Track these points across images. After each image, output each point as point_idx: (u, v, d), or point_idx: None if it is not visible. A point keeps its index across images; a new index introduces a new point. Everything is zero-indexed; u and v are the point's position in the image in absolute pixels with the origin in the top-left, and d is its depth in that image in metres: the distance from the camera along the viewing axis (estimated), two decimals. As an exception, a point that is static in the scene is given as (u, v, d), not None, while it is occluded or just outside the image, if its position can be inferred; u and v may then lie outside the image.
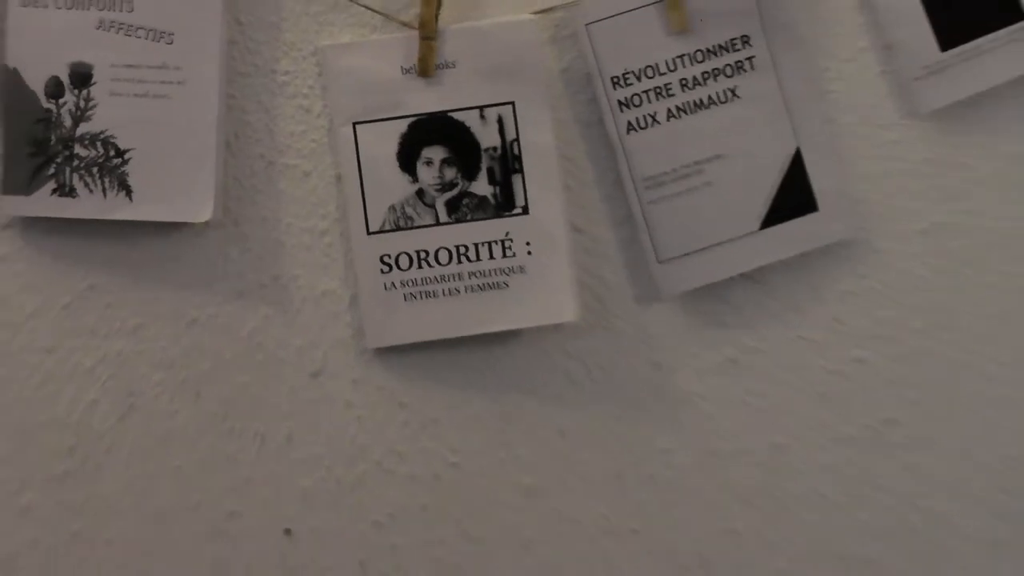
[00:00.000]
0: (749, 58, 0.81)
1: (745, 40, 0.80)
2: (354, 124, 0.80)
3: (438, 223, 0.80)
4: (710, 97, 0.81)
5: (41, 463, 0.81)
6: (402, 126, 0.80)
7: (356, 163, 0.80)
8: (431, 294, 0.80)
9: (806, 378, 0.82)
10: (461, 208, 0.80)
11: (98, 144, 0.80)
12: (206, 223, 0.80)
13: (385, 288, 0.80)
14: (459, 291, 0.80)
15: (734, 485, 0.83)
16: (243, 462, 0.80)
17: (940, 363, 0.82)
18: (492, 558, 0.82)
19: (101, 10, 0.80)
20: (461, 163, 0.80)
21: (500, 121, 0.80)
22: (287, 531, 0.82)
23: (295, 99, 0.80)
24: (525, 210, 0.80)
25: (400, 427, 0.82)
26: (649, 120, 0.80)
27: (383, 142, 0.80)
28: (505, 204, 0.80)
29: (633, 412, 0.82)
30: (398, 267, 0.80)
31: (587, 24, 0.79)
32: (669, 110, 0.81)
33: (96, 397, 0.80)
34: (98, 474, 0.81)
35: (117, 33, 0.80)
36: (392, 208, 0.80)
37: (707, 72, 0.81)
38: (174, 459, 0.81)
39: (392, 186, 0.80)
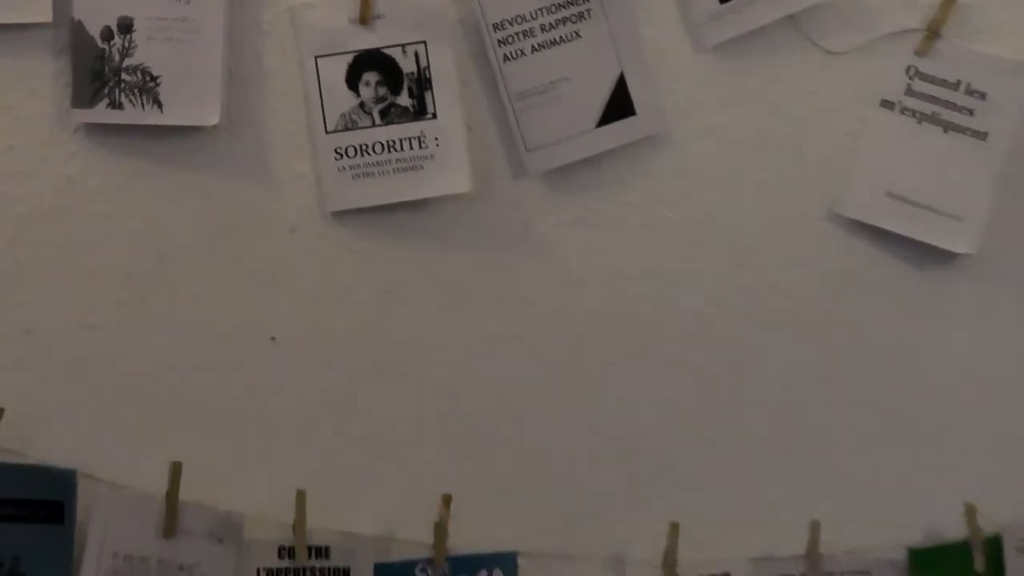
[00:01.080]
0: (588, 10, 1.18)
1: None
2: (316, 57, 1.17)
3: (374, 125, 1.17)
4: (561, 37, 1.18)
5: (104, 293, 1.18)
6: (349, 59, 1.17)
7: (317, 85, 1.17)
8: (370, 174, 1.17)
9: (628, 230, 1.21)
10: (390, 115, 1.17)
11: (138, 73, 1.16)
12: (215, 127, 1.17)
13: (338, 170, 1.17)
14: (389, 172, 1.17)
15: (582, 304, 1.22)
16: (244, 290, 1.18)
17: (721, 220, 1.22)
18: (416, 355, 1.21)
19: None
20: (390, 83, 1.17)
21: (416, 55, 1.17)
22: (272, 338, 1.20)
23: (276, 41, 1.16)
24: (434, 116, 1.17)
25: (351, 267, 1.20)
26: (519, 53, 1.18)
27: (336, 69, 1.17)
28: (420, 112, 1.17)
29: (509, 255, 1.20)
30: (347, 156, 1.17)
31: None
32: (532, 46, 1.18)
33: (141, 247, 1.18)
34: (144, 300, 1.19)
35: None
36: (343, 115, 1.17)
37: (558, 19, 1.18)
38: (197, 289, 1.19)
39: (342, 100, 1.17)
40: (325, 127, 1.17)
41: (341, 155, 1.17)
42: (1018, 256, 1.25)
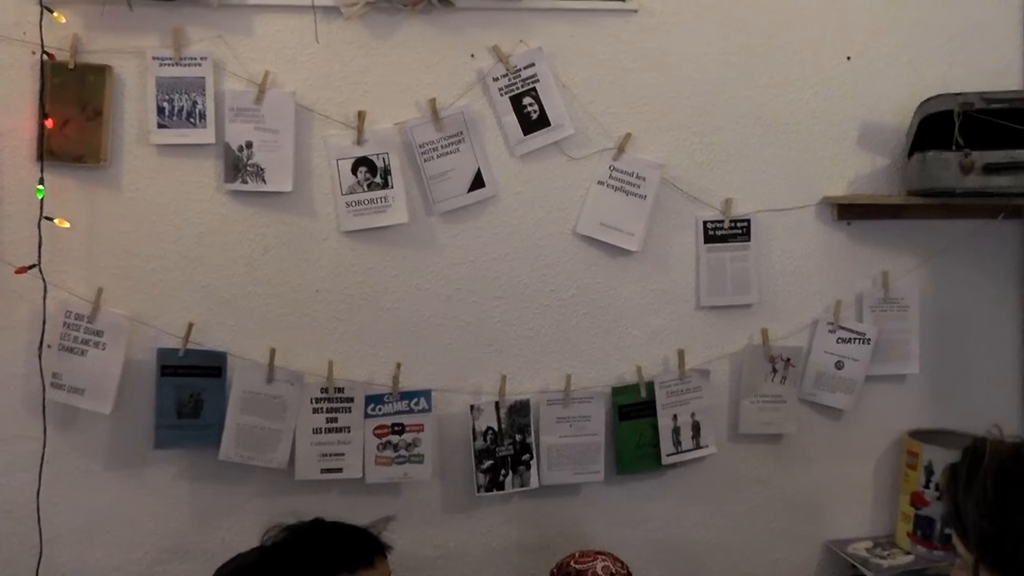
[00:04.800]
0: (462, 139, 2.58)
1: (460, 135, 2.58)
2: (337, 160, 2.53)
3: (364, 191, 2.54)
4: (450, 151, 2.57)
5: (239, 265, 2.52)
6: (352, 160, 2.53)
7: (337, 172, 2.52)
8: (362, 213, 2.53)
9: (475, 242, 2.62)
10: (372, 186, 2.54)
11: (255, 166, 2.50)
12: (289, 191, 2.52)
13: (347, 211, 2.54)
14: (371, 212, 2.53)
15: (453, 270, 2.62)
16: (302, 266, 2.54)
17: (522, 232, 2.64)
18: (382, 294, 2.60)
19: (254, 124, 2.50)
20: (372, 172, 2.55)
21: (383, 159, 2.54)
22: (316, 291, 2.57)
23: (319, 151, 2.52)
24: (391, 187, 2.54)
25: (352, 256, 2.58)
26: (431, 158, 2.57)
27: (346, 164, 2.54)
28: (385, 185, 2.54)
29: (423, 248, 2.59)
30: (351, 205, 2.53)
31: (406, 128, 2.56)
32: (437, 155, 2.57)
33: (255, 246, 2.52)
34: (256, 269, 2.53)
35: (256, 130, 2.50)
36: (349, 186, 2.53)
37: (448, 143, 2.57)
38: (281, 264, 2.53)
39: (348, 178, 2.52)
40: (341, 191, 2.54)
41: (348, 204, 2.54)
42: (654, 252, 2.70)
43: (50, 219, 2.44)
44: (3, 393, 2.49)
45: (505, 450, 2.61)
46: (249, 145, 2.48)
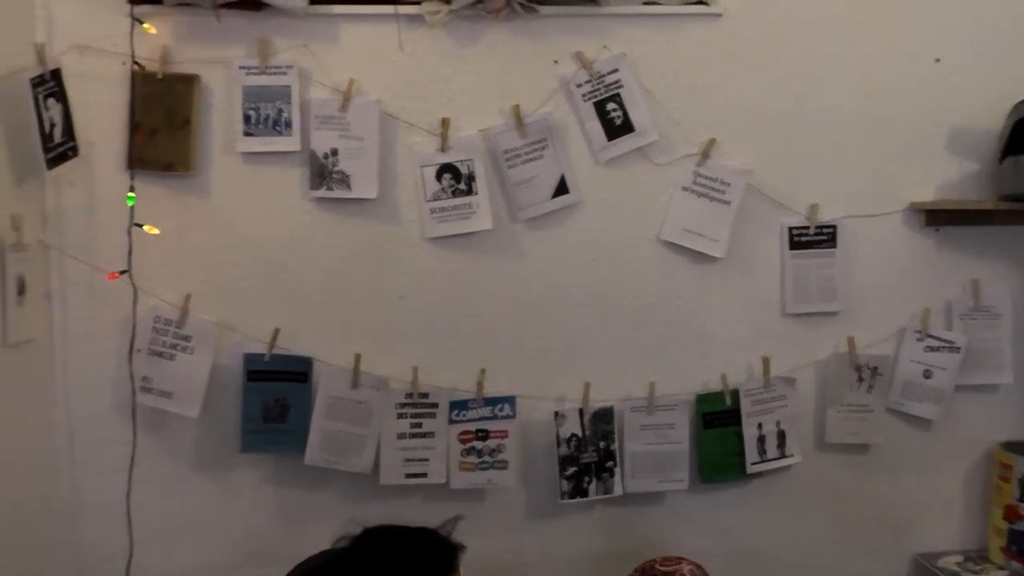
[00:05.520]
0: (545, 145, 2.57)
1: (544, 141, 2.57)
2: (421, 166, 2.53)
3: (448, 198, 2.53)
4: (534, 157, 2.56)
5: (321, 271, 2.54)
6: (436, 167, 2.53)
7: (422, 179, 2.53)
8: (445, 219, 2.53)
9: (558, 248, 2.61)
10: (456, 193, 2.54)
11: (340, 173, 2.52)
12: (374, 198, 2.54)
13: (431, 217, 2.54)
14: (454, 219, 2.53)
15: (538, 277, 2.62)
16: (387, 271, 2.56)
17: (604, 239, 2.63)
18: (469, 299, 2.60)
19: (340, 131, 2.51)
20: (456, 179, 2.55)
21: (468, 165, 2.55)
22: (401, 297, 2.58)
23: (403, 158, 2.53)
24: (476, 193, 2.54)
25: (437, 262, 2.58)
26: (515, 164, 2.57)
27: (430, 171, 2.53)
28: (469, 191, 2.54)
29: (507, 254, 2.59)
30: (435, 212, 2.53)
31: (490, 134, 2.55)
32: (521, 161, 2.56)
33: (337, 251, 2.54)
34: (339, 274, 2.55)
35: (341, 138, 2.52)
36: (433, 193, 2.53)
37: (533, 149, 2.56)
38: (364, 270, 2.55)
39: (433, 185, 2.53)
40: (425, 197, 2.55)
41: (433, 211, 2.55)
42: (738, 259, 2.66)
43: (140, 226, 2.48)
44: (95, 397, 2.53)
45: (589, 457, 2.60)
46: (334, 152, 2.50)
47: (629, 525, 2.68)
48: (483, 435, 2.56)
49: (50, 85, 2.41)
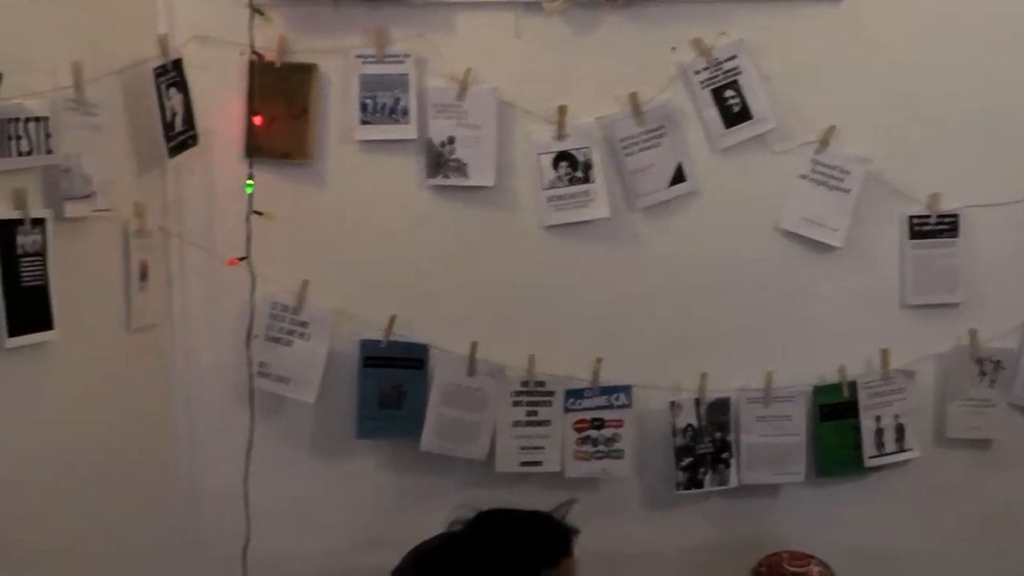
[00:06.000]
0: (663, 132, 2.55)
1: (661, 129, 2.55)
2: (538, 154, 2.52)
3: (565, 185, 2.52)
4: (651, 145, 2.54)
5: (441, 259, 2.54)
6: (553, 155, 2.51)
7: (539, 167, 2.52)
8: (562, 208, 2.52)
9: (673, 238, 2.58)
10: (572, 181, 2.53)
11: (456, 161, 2.52)
12: (492, 186, 2.53)
13: (547, 205, 2.52)
14: (571, 207, 2.52)
15: (656, 264, 2.59)
16: (506, 257, 2.55)
17: (724, 226, 2.59)
18: (581, 286, 2.58)
19: (457, 120, 2.51)
20: (572, 166, 2.53)
21: (584, 153, 2.53)
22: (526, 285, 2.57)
23: (520, 146, 2.51)
24: (592, 181, 2.52)
25: (553, 249, 2.56)
26: (632, 152, 2.55)
27: (546, 159, 2.52)
28: (586, 179, 2.52)
29: (623, 244, 2.56)
30: (551, 200, 2.52)
31: (607, 122, 2.53)
32: (639, 149, 2.54)
33: (458, 238, 2.54)
34: (460, 260, 2.55)
35: (458, 126, 2.52)
36: (549, 180, 2.52)
37: (650, 137, 2.54)
38: (483, 257, 2.55)
39: (549, 173, 2.51)
40: (542, 186, 2.54)
41: (549, 199, 2.54)
42: (857, 249, 2.60)
43: (259, 213, 2.50)
44: (214, 381, 2.57)
45: (704, 448, 2.57)
46: (451, 140, 2.50)
47: (743, 517, 2.64)
48: (598, 424, 2.55)
49: (172, 75, 2.45)
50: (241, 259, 2.51)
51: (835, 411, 2.61)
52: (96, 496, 2.21)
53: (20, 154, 1.95)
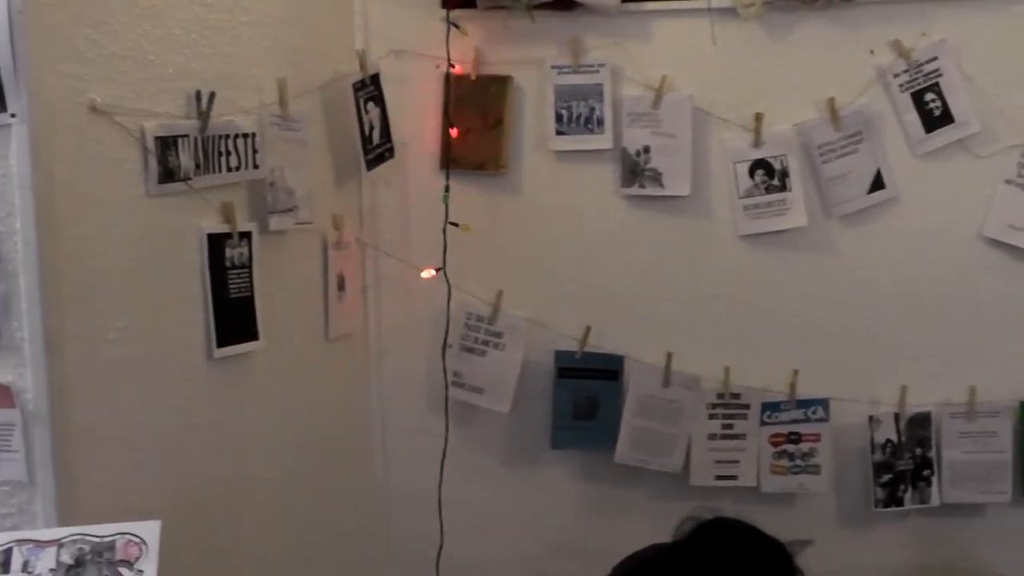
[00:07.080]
0: (861, 139, 2.49)
1: (859, 134, 2.49)
2: (734, 163, 2.50)
3: (761, 194, 2.49)
4: (849, 151, 2.47)
5: (628, 265, 2.53)
6: (749, 163, 2.48)
7: (734, 175, 2.49)
8: (759, 216, 2.48)
9: (872, 244, 2.51)
10: (769, 189, 2.50)
11: (652, 171, 2.51)
12: (687, 195, 2.51)
13: (744, 214, 2.49)
14: (768, 216, 2.48)
15: (853, 271, 2.53)
16: (702, 266, 2.52)
17: (921, 235, 2.51)
18: (775, 293, 2.53)
19: (652, 128, 2.50)
20: (769, 175, 2.50)
21: (781, 161, 2.49)
22: (714, 296, 2.54)
23: (716, 155, 2.48)
24: (789, 190, 2.49)
25: (753, 262, 2.53)
26: (829, 159, 2.48)
27: (742, 168, 2.48)
28: (783, 188, 2.47)
29: (821, 250, 2.51)
30: (748, 208, 2.48)
31: (803, 128, 2.49)
32: (836, 156, 2.48)
33: (652, 247, 2.53)
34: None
35: (653, 135, 2.51)
36: (746, 189, 2.49)
37: (847, 143, 2.48)
38: (679, 266, 2.53)
39: (746, 181, 2.49)
40: (738, 194, 2.51)
41: (746, 208, 2.51)
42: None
43: (456, 224, 2.53)
44: (410, 390, 2.62)
45: (904, 464, 2.50)
46: (646, 150, 2.50)
47: (944, 537, 2.56)
48: (795, 438, 2.50)
49: (370, 89, 2.51)
50: (438, 269, 2.55)
51: (1044, 427, 2.50)
52: (294, 498, 2.29)
53: (229, 169, 2.04)
